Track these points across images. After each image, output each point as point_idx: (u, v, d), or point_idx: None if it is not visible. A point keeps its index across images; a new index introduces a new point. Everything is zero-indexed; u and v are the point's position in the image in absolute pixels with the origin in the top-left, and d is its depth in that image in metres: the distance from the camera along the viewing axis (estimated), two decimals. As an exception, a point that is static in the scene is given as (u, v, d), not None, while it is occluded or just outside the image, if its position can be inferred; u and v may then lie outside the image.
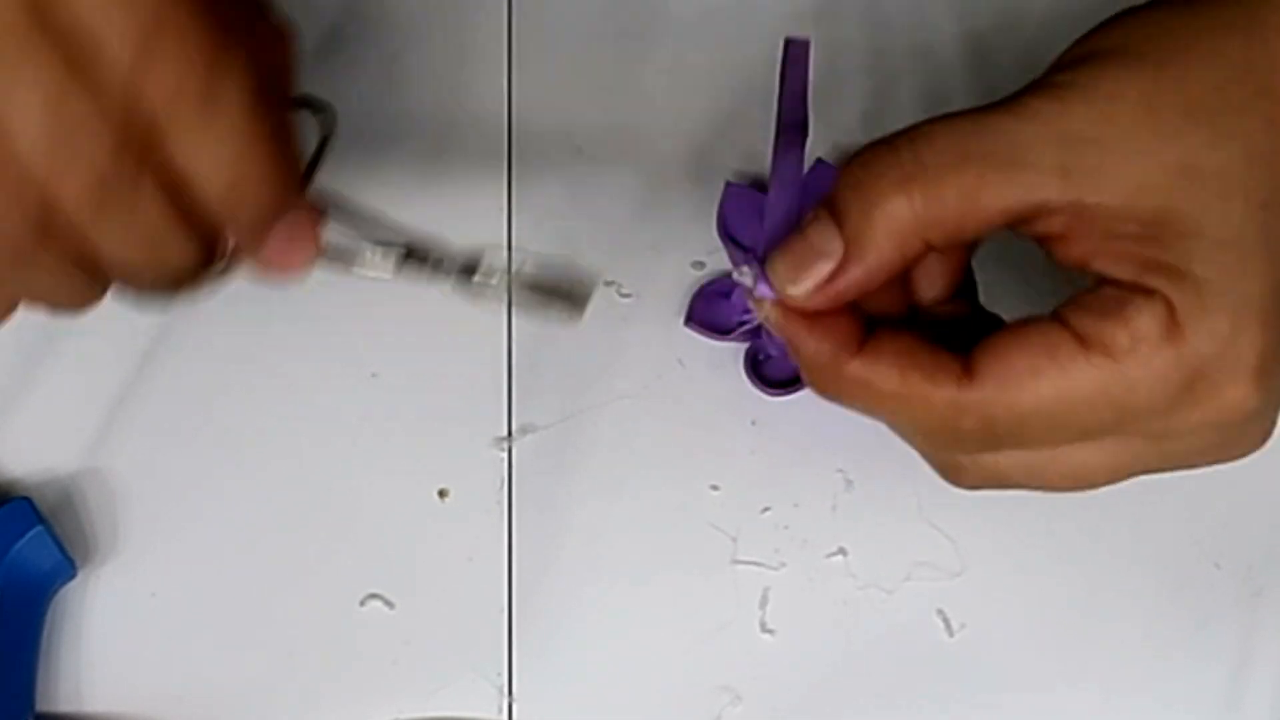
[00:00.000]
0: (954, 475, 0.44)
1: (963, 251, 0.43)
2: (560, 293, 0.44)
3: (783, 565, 0.52)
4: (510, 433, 0.53)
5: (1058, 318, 0.40)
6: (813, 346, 0.42)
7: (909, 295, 0.44)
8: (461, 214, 0.50)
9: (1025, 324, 0.41)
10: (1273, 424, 0.42)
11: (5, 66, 0.35)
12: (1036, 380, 0.40)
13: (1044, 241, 0.41)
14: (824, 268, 0.41)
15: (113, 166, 0.35)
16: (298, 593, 0.51)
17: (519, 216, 0.55)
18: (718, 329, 0.51)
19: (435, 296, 0.46)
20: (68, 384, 0.54)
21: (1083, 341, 0.39)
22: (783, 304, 0.42)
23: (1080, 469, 0.42)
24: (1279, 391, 0.41)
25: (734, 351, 0.53)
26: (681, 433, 0.53)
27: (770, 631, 0.51)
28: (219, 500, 0.53)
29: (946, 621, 0.51)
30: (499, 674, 0.51)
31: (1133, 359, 0.39)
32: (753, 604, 0.52)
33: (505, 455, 0.53)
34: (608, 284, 0.54)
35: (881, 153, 0.41)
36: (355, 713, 0.50)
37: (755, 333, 0.51)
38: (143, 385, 0.53)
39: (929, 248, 0.40)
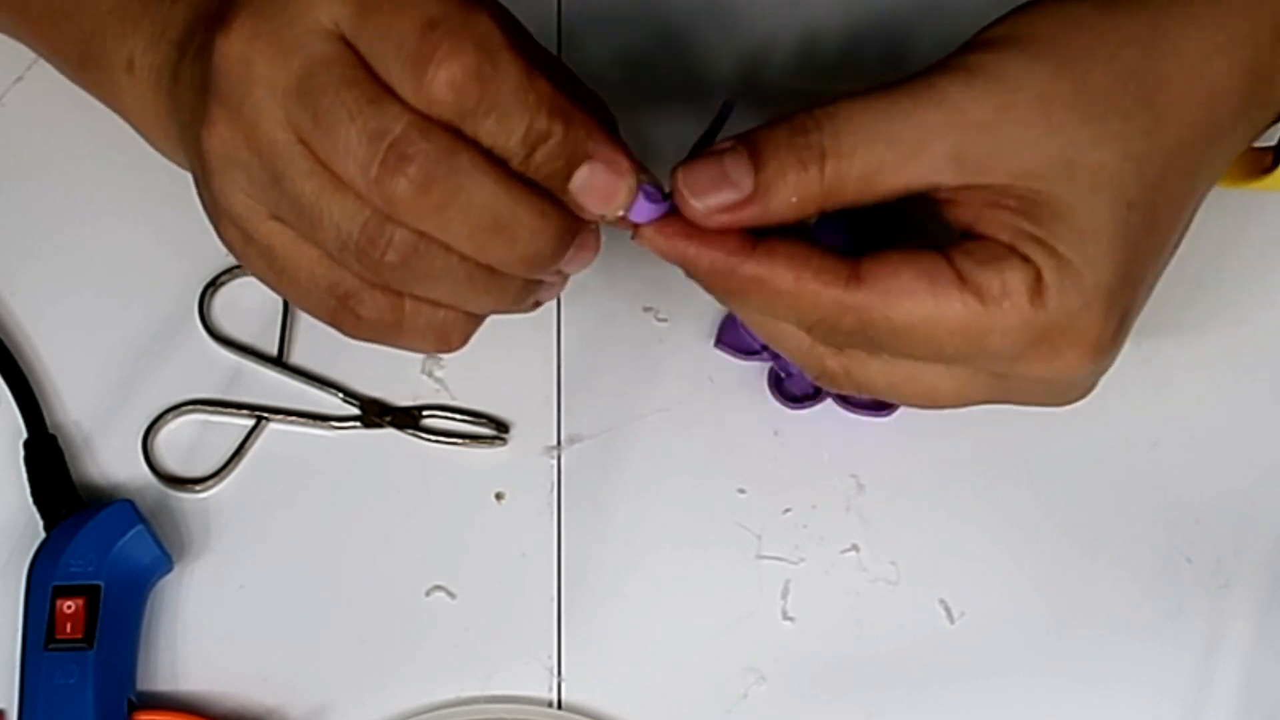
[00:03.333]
0: (827, 381, 0.46)
1: None
2: None
3: (802, 560, 0.54)
4: (559, 442, 0.55)
5: (944, 254, 0.43)
6: (706, 258, 0.43)
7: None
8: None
9: (915, 250, 0.43)
10: (1093, 387, 0.46)
11: (328, 97, 0.40)
12: (914, 300, 0.42)
13: (933, 199, 0.44)
14: (729, 196, 0.42)
15: (431, 161, 0.39)
16: (369, 585, 0.53)
17: (566, 250, 0.57)
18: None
19: (493, 327, 0.48)
20: (164, 400, 0.56)
21: (961, 280, 0.42)
22: (663, 226, 0.43)
23: (932, 389, 0.45)
24: (1107, 365, 0.44)
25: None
26: (711, 442, 0.55)
27: (791, 619, 0.53)
28: (299, 503, 0.55)
29: (948, 610, 0.53)
30: (549, 656, 0.52)
31: (997, 307, 0.42)
32: (775, 594, 0.53)
33: (555, 462, 0.55)
34: (646, 310, 0.56)
35: (805, 123, 0.42)
36: (421, 692, 0.52)
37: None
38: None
39: (822, 210, 0.43)
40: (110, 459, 0.55)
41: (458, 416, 0.55)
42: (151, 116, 0.50)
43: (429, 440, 0.55)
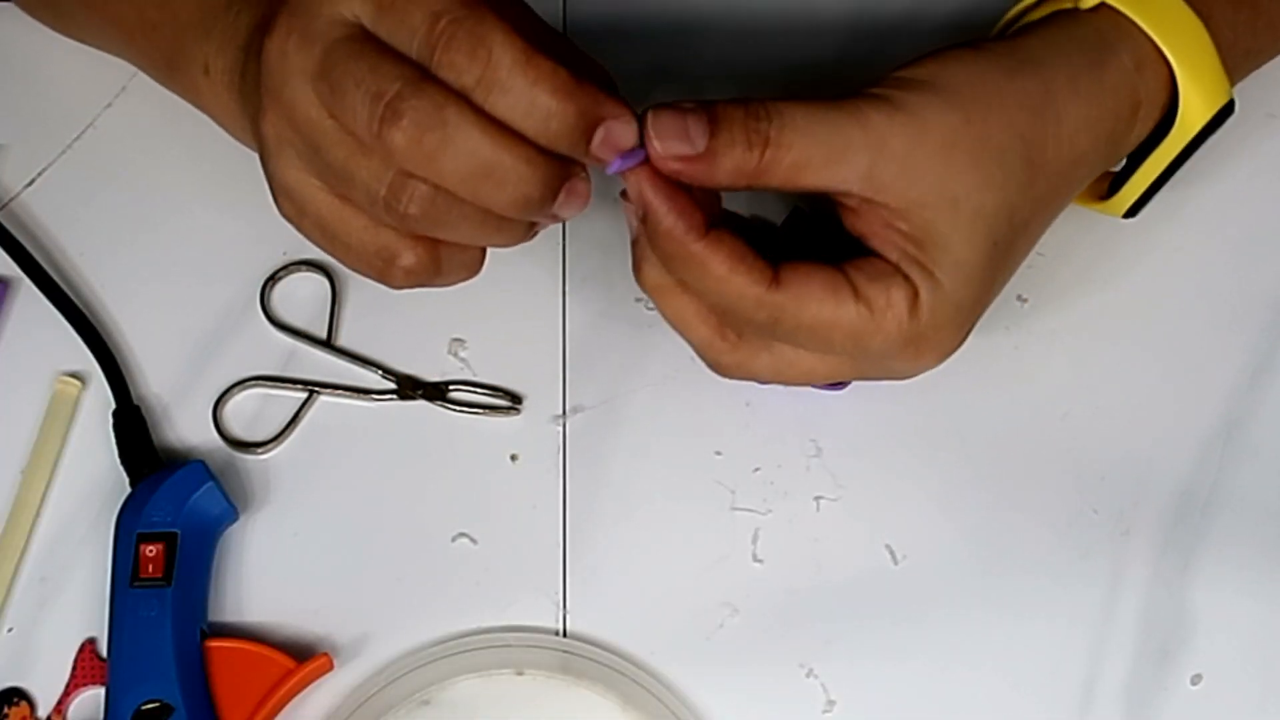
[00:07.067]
0: (721, 370, 0.50)
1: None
2: None
3: (769, 511, 0.56)
4: (565, 411, 0.57)
5: (842, 268, 0.47)
6: (670, 220, 0.46)
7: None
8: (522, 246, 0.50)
9: (821, 264, 0.47)
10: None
11: (339, 71, 0.43)
12: (819, 305, 0.47)
13: (839, 208, 0.48)
14: (684, 149, 0.45)
15: (421, 114, 0.42)
16: (404, 532, 0.55)
17: (571, 246, 0.59)
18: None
19: (508, 315, 0.53)
20: (231, 376, 0.58)
21: (856, 292, 0.47)
22: (653, 173, 0.45)
23: (810, 371, 0.50)
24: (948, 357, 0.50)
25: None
26: (692, 412, 0.57)
27: (760, 561, 0.55)
28: (345, 464, 0.57)
29: (892, 553, 0.55)
30: (556, 592, 0.55)
31: (882, 317, 0.47)
32: (746, 540, 0.55)
33: (561, 429, 0.57)
34: (638, 300, 0.58)
35: (758, 111, 0.45)
36: (447, 623, 0.54)
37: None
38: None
39: (749, 187, 0.46)
40: (185, 426, 0.57)
41: (479, 390, 0.57)
42: (227, 112, 0.53)
43: (454, 410, 0.57)
